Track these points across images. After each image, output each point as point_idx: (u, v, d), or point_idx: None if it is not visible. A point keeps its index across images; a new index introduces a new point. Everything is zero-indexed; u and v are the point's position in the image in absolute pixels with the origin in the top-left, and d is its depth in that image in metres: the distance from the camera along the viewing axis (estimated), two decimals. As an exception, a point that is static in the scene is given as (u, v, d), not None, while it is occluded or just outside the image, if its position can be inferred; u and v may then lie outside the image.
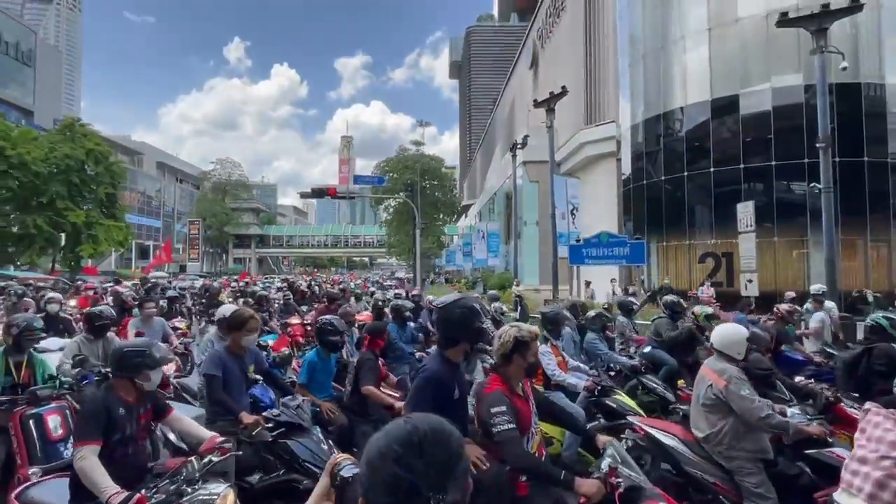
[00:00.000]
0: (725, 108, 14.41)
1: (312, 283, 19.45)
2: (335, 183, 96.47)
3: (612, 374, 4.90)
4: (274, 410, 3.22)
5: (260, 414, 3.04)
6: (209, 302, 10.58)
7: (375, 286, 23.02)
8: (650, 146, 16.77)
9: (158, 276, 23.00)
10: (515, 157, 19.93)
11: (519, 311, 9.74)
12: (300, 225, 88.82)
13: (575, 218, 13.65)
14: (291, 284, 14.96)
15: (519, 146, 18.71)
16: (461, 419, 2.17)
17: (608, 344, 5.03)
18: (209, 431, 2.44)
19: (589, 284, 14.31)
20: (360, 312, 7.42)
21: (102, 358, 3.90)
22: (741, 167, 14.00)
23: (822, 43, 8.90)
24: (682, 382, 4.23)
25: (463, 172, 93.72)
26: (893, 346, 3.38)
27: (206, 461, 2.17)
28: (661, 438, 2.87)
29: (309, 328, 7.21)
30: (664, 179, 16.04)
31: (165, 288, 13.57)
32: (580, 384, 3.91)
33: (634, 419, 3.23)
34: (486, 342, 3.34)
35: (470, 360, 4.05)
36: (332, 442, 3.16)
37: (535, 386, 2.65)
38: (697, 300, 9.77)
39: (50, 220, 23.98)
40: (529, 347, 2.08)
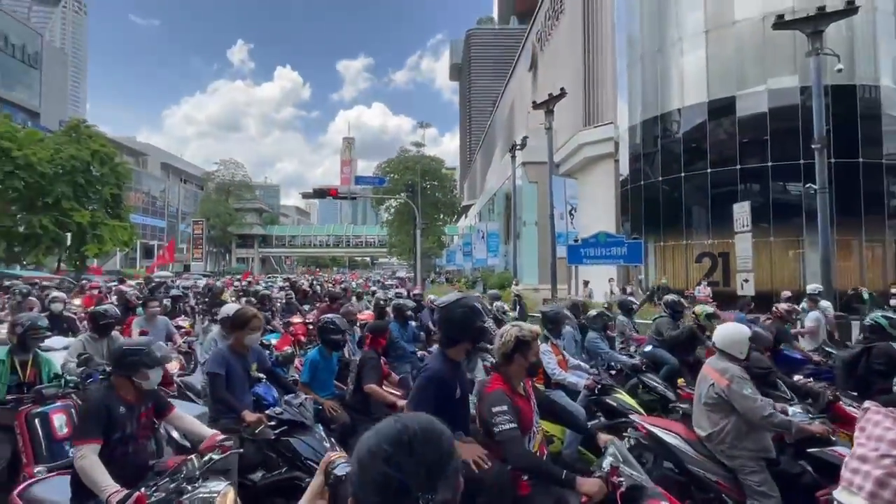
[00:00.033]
0: (722, 109, 14.48)
1: (314, 282, 19.44)
2: (337, 184, 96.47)
3: (612, 372, 4.91)
4: (276, 408, 3.20)
5: (263, 412, 3.05)
6: (212, 301, 10.62)
7: (377, 285, 23.03)
8: (648, 147, 16.83)
9: (163, 275, 22.97)
10: (515, 158, 19.97)
11: (518, 310, 9.77)
12: (302, 225, 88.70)
13: (573, 218, 13.71)
14: (293, 284, 14.93)
15: (518, 147, 18.74)
16: (463, 418, 2.18)
17: (609, 343, 5.04)
18: (210, 429, 2.43)
19: (587, 284, 14.33)
20: (361, 312, 7.43)
21: (107, 357, 3.89)
22: (738, 168, 14.07)
23: (817, 45, 8.96)
24: (681, 381, 4.24)
25: (463, 173, 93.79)
26: (892, 345, 3.37)
27: (206, 459, 2.15)
28: (663, 437, 2.85)
29: (311, 327, 7.22)
30: (661, 180, 16.10)
31: (169, 287, 13.60)
32: (580, 383, 3.91)
33: (636, 418, 3.22)
34: (487, 341, 3.34)
35: (471, 358, 4.05)
36: (334, 440, 3.16)
37: (535, 385, 2.64)
38: (694, 299, 9.82)
39: (55, 220, 24.03)
40: (531, 347, 2.07)
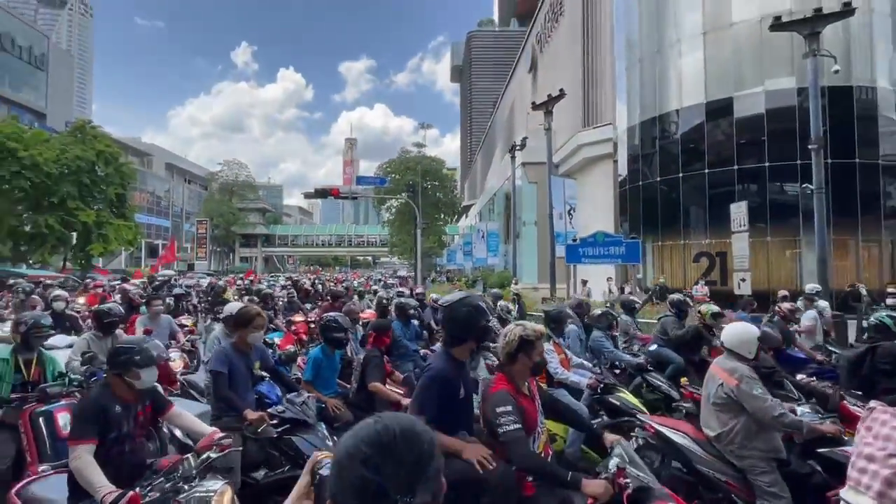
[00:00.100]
0: (720, 110, 14.51)
1: (316, 281, 19.46)
2: (340, 184, 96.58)
3: (617, 371, 4.91)
4: (279, 407, 3.21)
5: (266, 410, 3.05)
6: (214, 299, 10.65)
7: (378, 284, 23.05)
8: (646, 148, 16.86)
9: (166, 273, 23.01)
10: (514, 158, 19.96)
11: (517, 309, 9.81)
12: (305, 225, 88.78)
13: (572, 218, 13.76)
14: (296, 283, 14.95)
15: (518, 148, 18.74)
16: (467, 418, 2.17)
17: (613, 342, 5.04)
18: (210, 427, 2.41)
19: (585, 283, 14.37)
20: (363, 311, 7.45)
21: (110, 355, 3.93)
22: (735, 169, 14.09)
23: (814, 47, 9.00)
24: (684, 380, 4.23)
25: (464, 173, 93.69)
26: None
27: (204, 458, 2.12)
28: (672, 437, 2.83)
29: (312, 325, 7.22)
30: (659, 180, 16.13)
31: (172, 286, 13.61)
32: (583, 382, 3.90)
33: (645, 417, 3.21)
34: (491, 340, 3.38)
35: (473, 357, 4.02)
36: (337, 438, 3.15)
37: (539, 384, 2.62)
38: (691, 298, 9.85)
39: (61, 219, 24.13)
40: (535, 346, 2.04)
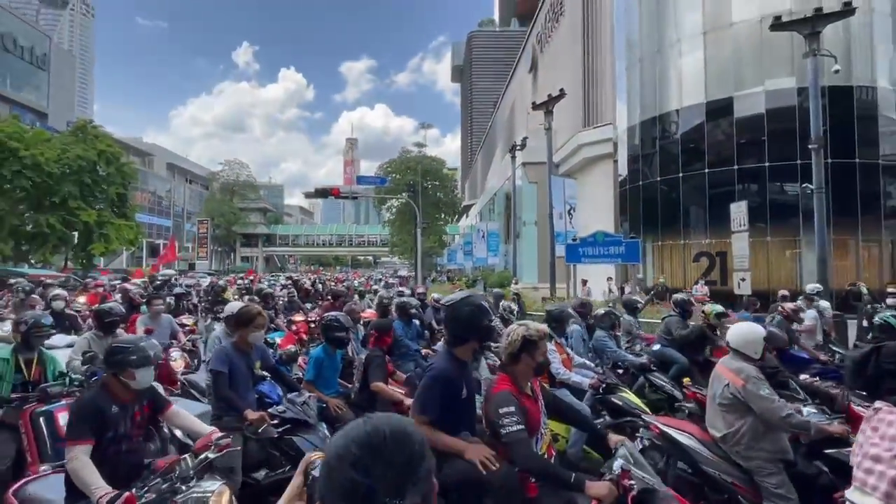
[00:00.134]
0: (720, 110, 14.51)
1: (317, 281, 19.44)
2: (340, 183, 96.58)
3: (620, 371, 4.89)
4: (279, 407, 3.20)
5: (267, 410, 3.03)
6: (214, 299, 10.65)
7: (380, 284, 23.02)
8: (646, 148, 16.86)
9: (167, 273, 23.07)
10: (515, 158, 20.00)
11: (516, 308, 9.80)
12: (306, 224, 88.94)
13: (572, 218, 13.74)
14: (296, 282, 14.94)
15: (518, 148, 18.76)
16: (469, 418, 2.16)
17: (616, 342, 5.02)
18: (209, 427, 2.39)
19: (585, 283, 14.37)
20: (363, 310, 7.43)
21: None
22: (735, 168, 14.09)
23: (814, 46, 9.00)
24: (687, 380, 4.21)
25: (464, 173, 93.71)
26: None
27: (201, 458, 2.10)
28: (677, 437, 2.81)
29: (313, 325, 7.19)
30: (660, 180, 16.13)
31: (173, 285, 13.61)
32: (585, 382, 3.89)
33: (650, 418, 3.19)
34: (494, 340, 3.37)
35: (475, 357, 4.01)
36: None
37: (542, 384, 2.59)
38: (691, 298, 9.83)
39: (62, 219, 24.17)
40: (538, 346, 2.02)
